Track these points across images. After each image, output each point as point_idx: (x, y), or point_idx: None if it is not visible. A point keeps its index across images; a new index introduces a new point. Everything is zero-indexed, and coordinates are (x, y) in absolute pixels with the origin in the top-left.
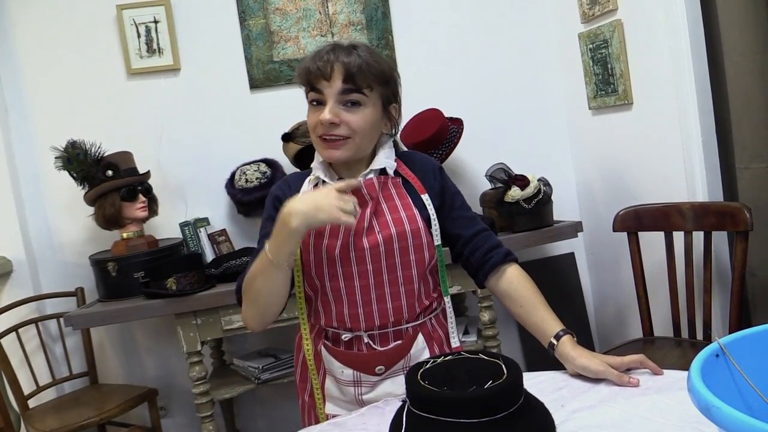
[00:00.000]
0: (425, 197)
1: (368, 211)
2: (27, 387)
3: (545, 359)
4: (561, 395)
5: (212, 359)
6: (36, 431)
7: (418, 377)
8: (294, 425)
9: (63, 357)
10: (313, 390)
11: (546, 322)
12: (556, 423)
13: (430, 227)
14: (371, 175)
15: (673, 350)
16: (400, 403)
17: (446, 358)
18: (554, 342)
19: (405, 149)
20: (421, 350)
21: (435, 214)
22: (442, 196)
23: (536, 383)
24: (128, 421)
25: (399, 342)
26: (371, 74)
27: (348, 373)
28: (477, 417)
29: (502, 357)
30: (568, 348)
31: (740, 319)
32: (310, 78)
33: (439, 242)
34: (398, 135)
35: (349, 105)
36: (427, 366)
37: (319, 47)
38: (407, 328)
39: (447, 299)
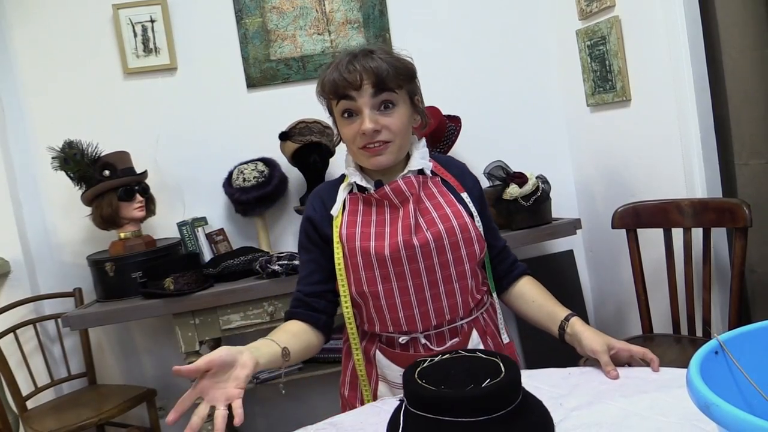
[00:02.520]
0: (464, 195)
1: (411, 207)
2: (25, 388)
3: (545, 358)
4: (559, 393)
5: None
6: None
7: (416, 376)
8: (293, 425)
9: (61, 358)
10: (365, 400)
11: (556, 308)
12: (554, 421)
13: (474, 221)
14: (410, 175)
15: (672, 347)
16: (398, 402)
17: (444, 357)
18: (565, 322)
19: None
20: (476, 346)
21: (476, 212)
22: (481, 203)
23: (535, 381)
24: (127, 421)
25: (456, 340)
26: (399, 75)
27: None
28: (475, 416)
29: (500, 355)
30: (578, 325)
31: (740, 316)
32: (338, 90)
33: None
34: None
35: (383, 108)
36: (425, 365)
37: (334, 60)
38: (462, 324)
39: (494, 294)
